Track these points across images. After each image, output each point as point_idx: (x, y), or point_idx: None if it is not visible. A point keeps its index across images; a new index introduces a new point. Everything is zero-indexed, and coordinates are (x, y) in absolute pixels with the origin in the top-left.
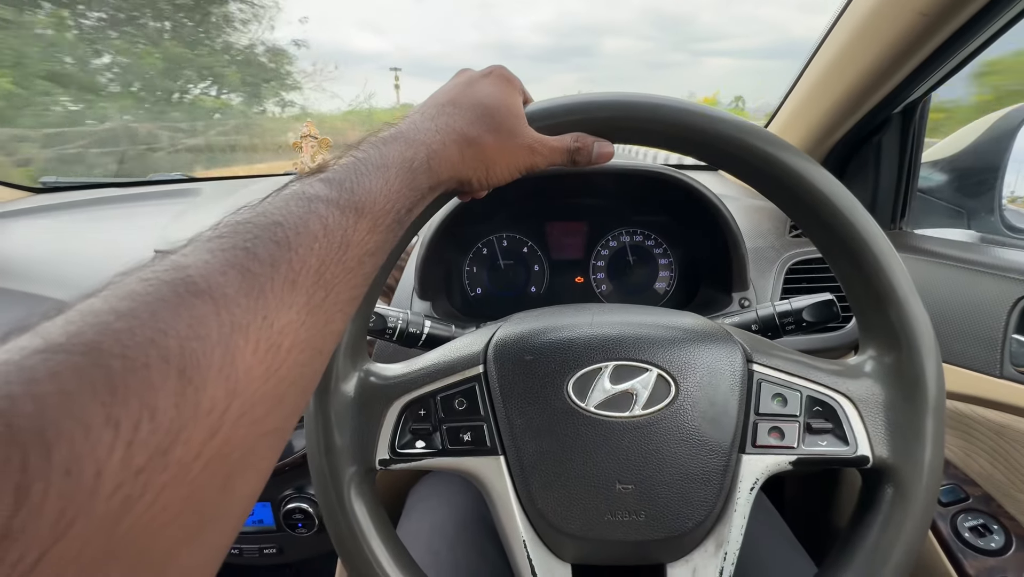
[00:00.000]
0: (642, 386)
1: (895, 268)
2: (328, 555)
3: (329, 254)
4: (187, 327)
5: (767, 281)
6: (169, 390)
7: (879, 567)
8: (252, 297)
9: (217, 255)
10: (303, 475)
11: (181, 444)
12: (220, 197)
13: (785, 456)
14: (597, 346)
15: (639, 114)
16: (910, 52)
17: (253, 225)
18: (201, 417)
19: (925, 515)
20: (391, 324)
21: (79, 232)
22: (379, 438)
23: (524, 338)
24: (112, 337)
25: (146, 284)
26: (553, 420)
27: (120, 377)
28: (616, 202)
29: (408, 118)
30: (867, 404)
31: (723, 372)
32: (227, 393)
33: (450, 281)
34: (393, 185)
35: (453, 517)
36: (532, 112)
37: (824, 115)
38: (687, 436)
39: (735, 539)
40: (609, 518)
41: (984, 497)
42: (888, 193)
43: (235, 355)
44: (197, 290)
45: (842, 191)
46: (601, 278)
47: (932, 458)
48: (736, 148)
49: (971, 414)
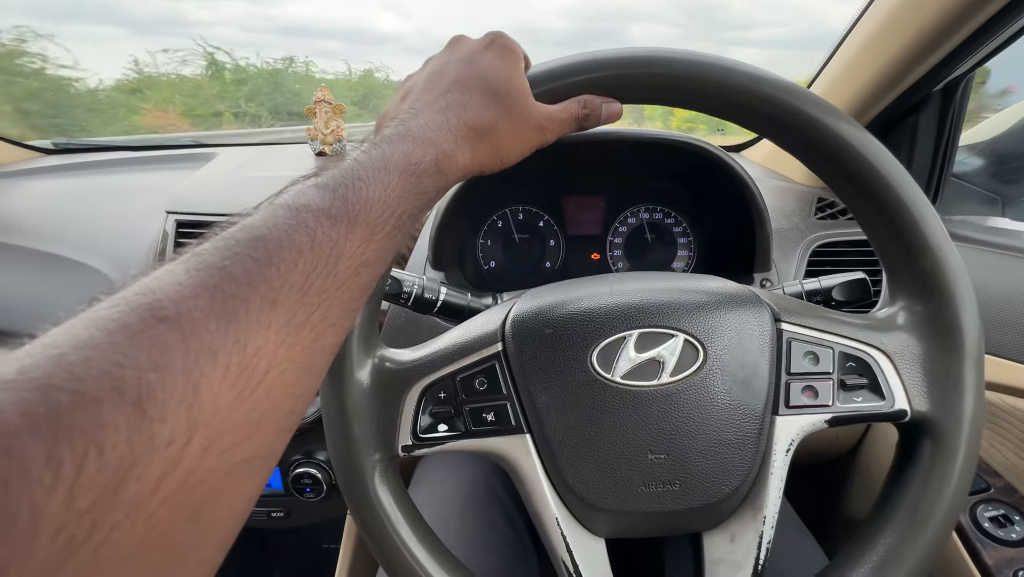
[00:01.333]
0: (669, 353)
1: (927, 215)
2: (335, 520)
3: (316, 268)
4: (147, 356)
5: (790, 263)
6: (121, 425)
7: (922, 524)
8: (223, 320)
9: (192, 275)
10: (312, 440)
11: (134, 480)
12: (233, 161)
13: (820, 415)
14: (620, 315)
15: (647, 69)
16: (957, 25)
17: (235, 241)
18: (158, 451)
19: (967, 468)
20: (407, 288)
21: (91, 193)
22: (400, 424)
23: (543, 312)
24: (65, 370)
25: (113, 309)
26: (578, 393)
27: (67, 413)
28: (636, 174)
29: (413, 108)
30: (902, 357)
31: (751, 333)
32: (189, 424)
33: (464, 253)
34: (395, 191)
35: (462, 488)
36: (535, 76)
37: (864, 88)
38: (718, 401)
39: (773, 503)
40: (643, 490)
41: (1007, 488)
42: (921, 176)
43: (199, 383)
44: (164, 316)
45: (868, 137)
46: (618, 255)
47: (973, 409)
48: (749, 98)
49: (999, 403)
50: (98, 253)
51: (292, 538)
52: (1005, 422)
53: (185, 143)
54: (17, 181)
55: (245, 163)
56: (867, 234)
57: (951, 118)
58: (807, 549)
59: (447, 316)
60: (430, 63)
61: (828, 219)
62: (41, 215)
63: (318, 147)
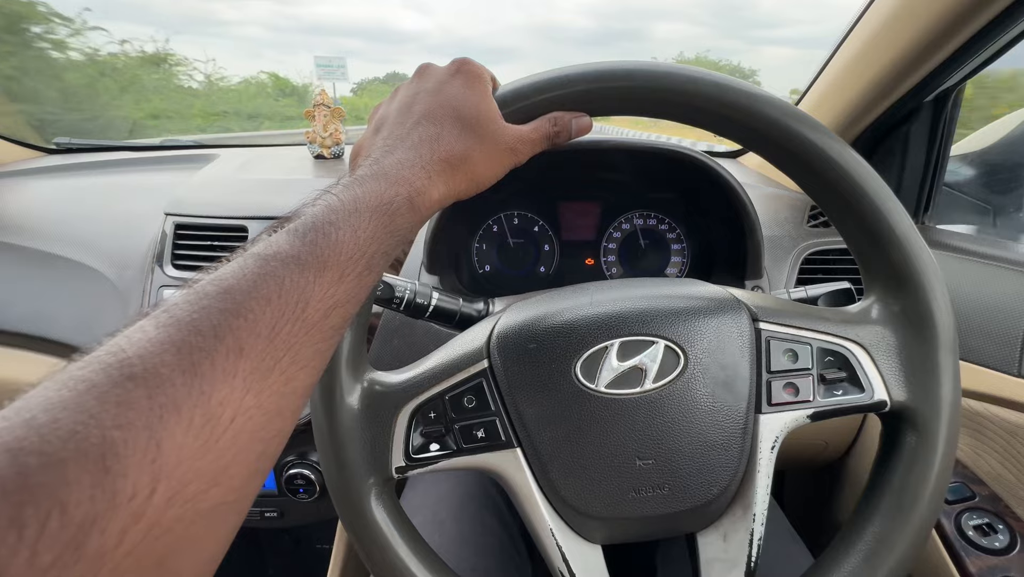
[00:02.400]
0: (650, 360)
1: (891, 206)
2: (327, 521)
3: (284, 315)
4: (113, 415)
5: (781, 271)
6: (85, 482)
7: (909, 510)
8: (188, 374)
9: (160, 331)
10: (305, 441)
11: (97, 534)
12: (233, 163)
13: (802, 410)
14: (600, 325)
15: (614, 83)
16: (947, 36)
17: (204, 294)
18: (121, 505)
19: (948, 453)
20: (399, 294)
21: (92, 193)
22: (392, 446)
23: (525, 326)
24: (35, 432)
25: (85, 369)
26: (564, 405)
27: (34, 474)
28: (631, 182)
29: (386, 144)
30: (878, 348)
31: (731, 335)
32: (152, 477)
33: (459, 257)
34: (366, 232)
35: (457, 490)
36: (504, 96)
37: (853, 99)
38: (701, 404)
39: (762, 499)
40: (633, 496)
41: (991, 497)
42: (912, 186)
43: (162, 437)
44: (132, 373)
45: (830, 134)
46: (612, 261)
47: (951, 394)
48: (711, 104)
49: (984, 413)
50: (98, 253)
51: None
52: (989, 432)
53: (185, 144)
54: (19, 180)
55: (244, 165)
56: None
57: (943, 128)
58: (797, 555)
59: (439, 321)
60: (399, 94)
61: (821, 227)
62: (41, 214)
63: (316, 150)
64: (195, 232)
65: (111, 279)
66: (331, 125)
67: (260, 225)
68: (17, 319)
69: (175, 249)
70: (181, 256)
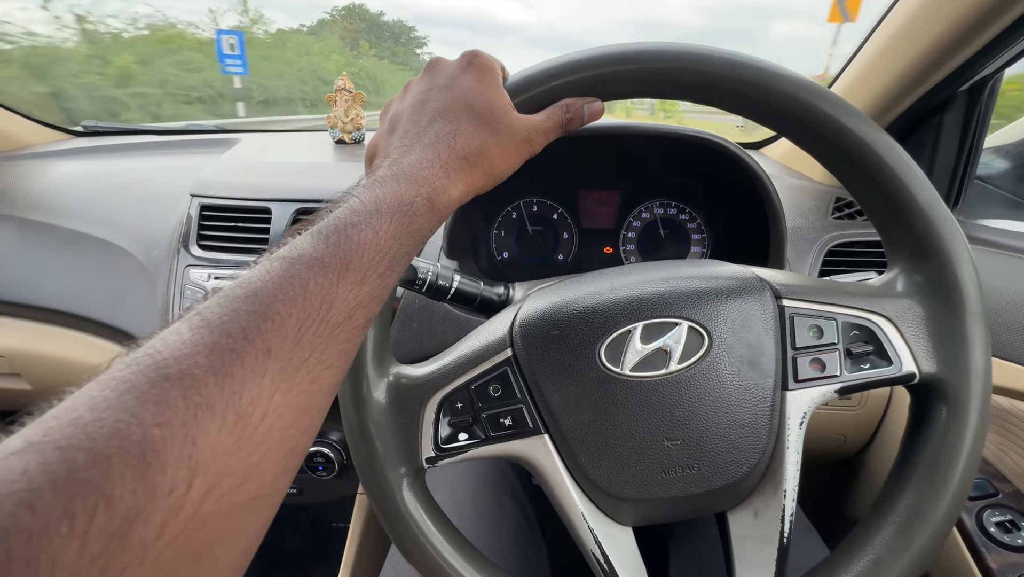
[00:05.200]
0: (674, 341)
1: (914, 177)
2: (345, 499)
3: (309, 316)
4: (152, 414)
5: (804, 262)
6: (127, 478)
7: (941, 482)
8: (220, 375)
9: (193, 333)
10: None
11: (140, 526)
12: (255, 147)
13: (830, 385)
14: (622, 309)
15: (624, 66)
16: (985, 22)
17: (233, 297)
18: (160, 499)
19: (981, 423)
20: (421, 275)
21: (120, 174)
22: (421, 437)
23: (548, 313)
24: (82, 431)
25: (125, 371)
26: (590, 390)
27: (82, 470)
28: (652, 169)
29: (403, 143)
30: (905, 320)
31: (754, 313)
32: (189, 472)
33: (477, 243)
34: (387, 233)
35: (475, 470)
36: (514, 85)
37: (886, 86)
38: (727, 383)
39: (792, 476)
40: (663, 476)
41: (1015, 494)
42: (943, 177)
43: (197, 435)
44: (168, 374)
45: (848, 105)
46: (631, 250)
47: (982, 364)
48: (724, 82)
49: (1011, 409)
50: (126, 233)
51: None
52: (1016, 428)
53: (209, 129)
54: (50, 161)
55: (266, 149)
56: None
57: (976, 119)
58: (814, 549)
59: (460, 304)
60: (410, 90)
61: (845, 219)
62: (72, 195)
63: (338, 135)
64: (220, 213)
65: (139, 258)
66: (352, 110)
67: (282, 207)
68: (49, 295)
69: (200, 230)
70: (206, 236)
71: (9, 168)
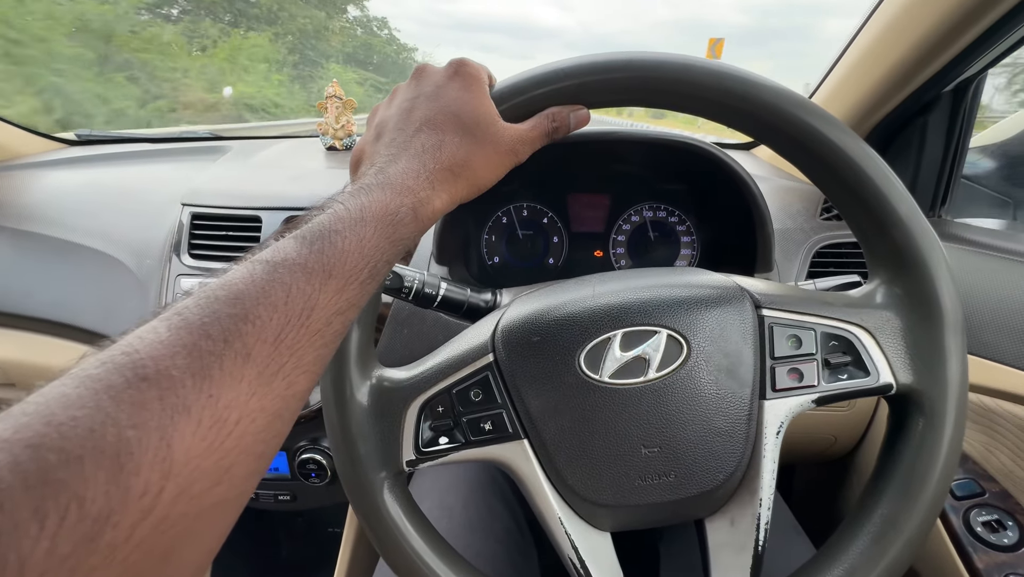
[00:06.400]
0: (653, 349)
1: (894, 190)
2: (339, 505)
3: (290, 321)
4: (127, 415)
5: (793, 263)
6: (100, 479)
7: (916, 493)
8: (199, 377)
9: (172, 333)
10: (317, 427)
11: (110, 528)
12: (246, 155)
13: (807, 395)
14: (603, 316)
15: (609, 74)
16: (966, 24)
17: (214, 298)
18: (132, 501)
19: (956, 435)
20: (407, 284)
21: (112, 183)
22: (403, 440)
23: (529, 320)
24: (55, 430)
25: (101, 368)
26: (569, 396)
27: (53, 470)
28: (640, 174)
29: (389, 151)
30: (883, 332)
31: (733, 322)
32: (162, 475)
33: (468, 248)
34: (370, 241)
35: (466, 477)
36: (500, 93)
37: (870, 89)
38: (705, 391)
39: (767, 484)
40: (640, 483)
41: (1001, 493)
42: (930, 178)
43: (172, 438)
44: (145, 374)
45: (829, 117)
46: (621, 253)
47: (958, 376)
48: (709, 92)
49: (996, 408)
50: (118, 242)
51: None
52: (1002, 428)
53: (202, 136)
54: (43, 171)
55: (258, 157)
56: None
57: (961, 120)
58: (801, 551)
59: (447, 311)
60: (397, 97)
61: (833, 220)
62: (65, 205)
63: (329, 142)
64: (211, 222)
65: (131, 268)
66: (343, 117)
67: (273, 215)
68: (42, 306)
69: (191, 239)
70: (197, 245)
71: (3, 179)
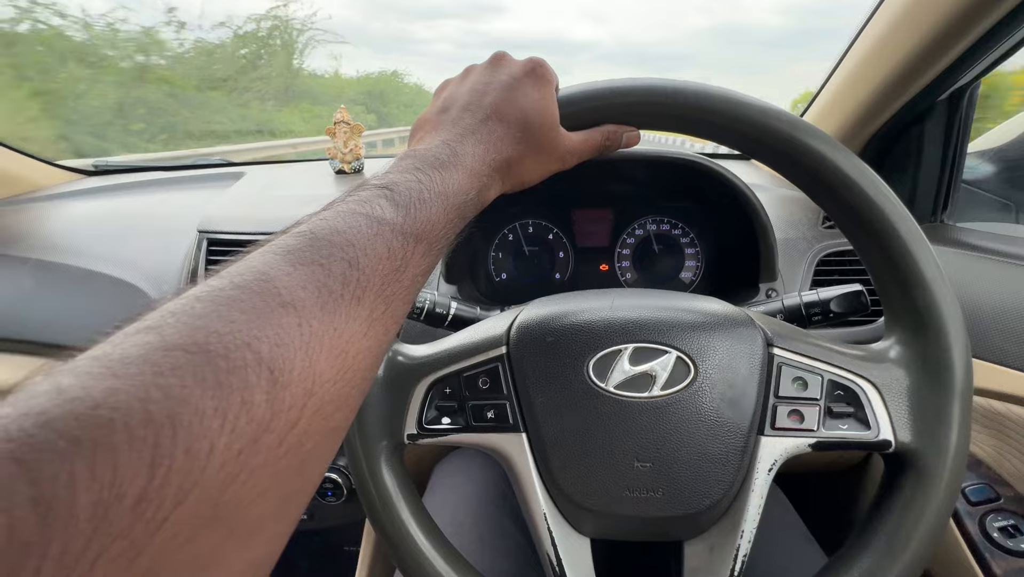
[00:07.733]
0: (661, 368)
1: (921, 251)
2: (355, 523)
3: (390, 274)
4: (275, 334)
5: (796, 272)
6: (262, 388)
7: (899, 552)
8: (327, 311)
9: (298, 269)
10: None
11: (269, 433)
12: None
13: (804, 439)
14: (617, 329)
15: (660, 99)
16: (959, 33)
17: (328, 243)
18: (284, 412)
19: (947, 501)
20: (419, 304)
21: (130, 213)
22: (408, 414)
23: (546, 321)
24: (217, 340)
25: (240, 291)
26: (573, 399)
27: (224, 375)
28: (644, 189)
29: (456, 130)
30: (890, 389)
31: (743, 355)
32: (305, 392)
33: (476, 266)
34: (451, 214)
35: (476, 493)
36: (564, 98)
37: (864, 101)
38: (705, 417)
39: (752, 518)
40: (627, 494)
41: (1017, 498)
42: (929, 184)
43: (312, 360)
44: (282, 302)
45: (866, 171)
46: (626, 266)
47: (957, 443)
48: (757, 131)
49: (1007, 413)
50: (137, 270)
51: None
52: (1012, 432)
53: (215, 163)
54: (61, 202)
55: (270, 182)
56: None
57: (958, 126)
58: (812, 559)
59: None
60: (470, 77)
61: (834, 228)
62: (84, 234)
63: (337, 166)
64: (226, 248)
65: (150, 295)
66: (351, 141)
67: None
68: (65, 333)
69: (208, 265)
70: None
71: (26, 211)
